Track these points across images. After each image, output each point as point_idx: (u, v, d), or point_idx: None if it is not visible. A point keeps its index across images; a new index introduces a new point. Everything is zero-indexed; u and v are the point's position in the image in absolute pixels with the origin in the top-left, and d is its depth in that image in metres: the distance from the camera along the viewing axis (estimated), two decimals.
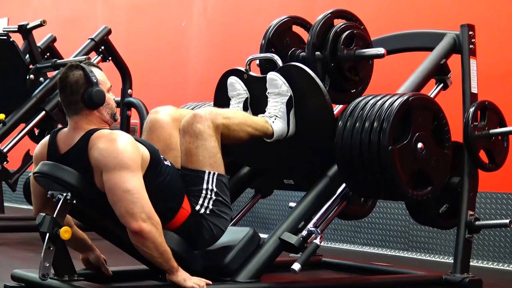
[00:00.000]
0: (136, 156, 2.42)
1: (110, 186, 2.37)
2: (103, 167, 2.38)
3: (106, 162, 2.38)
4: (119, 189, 2.36)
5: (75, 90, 2.49)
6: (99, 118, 2.53)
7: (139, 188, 2.38)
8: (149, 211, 2.37)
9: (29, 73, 4.66)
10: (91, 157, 2.41)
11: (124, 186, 2.36)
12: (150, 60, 6.46)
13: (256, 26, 4.53)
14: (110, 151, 2.38)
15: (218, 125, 2.67)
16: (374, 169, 2.66)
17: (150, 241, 2.37)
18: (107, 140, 2.41)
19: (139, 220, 2.35)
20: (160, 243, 2.40)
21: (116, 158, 2.37)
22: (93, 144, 2.41)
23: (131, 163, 2.39)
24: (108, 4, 7.13)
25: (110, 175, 2.37)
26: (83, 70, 2.51)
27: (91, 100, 2.49)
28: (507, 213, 4.05)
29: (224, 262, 2.63)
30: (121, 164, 2.37)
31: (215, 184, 2.63)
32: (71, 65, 2.53)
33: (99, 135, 2.43)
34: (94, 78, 2.50)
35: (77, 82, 2.49)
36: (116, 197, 2.36)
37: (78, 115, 2.51)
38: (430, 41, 3.31)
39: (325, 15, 3.04)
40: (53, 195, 2.39)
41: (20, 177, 4.60)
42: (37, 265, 2.36)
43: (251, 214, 5.11)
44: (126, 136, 2.45)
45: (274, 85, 2.87)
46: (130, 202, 2.35)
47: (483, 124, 3.10)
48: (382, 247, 4.55)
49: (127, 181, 2.36)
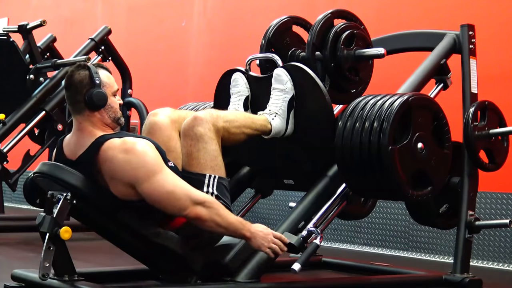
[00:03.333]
0: (157, 155, 2.47)
1: (151, 196, 2.43)
2: (133, 181, 2.41)
3: (135, 176, 2.41)
4: (161, 196, 2.42)
5: (79, 90, 2.50)
6: (101, 121, 2.53)
7: (175, 182, 2.45)
8: (195, 196, 2.46)
9: (29, 73, 4.65)
10: (107, 170, 2.42)
11: (164, 190, 2.42)
12: (150, 60, 6.45)
13: (256, 26, 4.53)
14: (134, 163, 2.40)
15: (219, 128, 2.67)
16: (374, 169, 2.66)
17: (210, 221, 2.46)
18: (123, 151, 2.41)
19: (192, 208, 2.44)
20: (221, 219, 2.48)
21: (144, 168, 2.41)
22: (106, 156, 2.42)
23: (157, 166, 2.44)
24: (108, 4, 7.12)
25: (146, 186, 2.41)
26: (89, 70, 2.51)
27: (91, 101, 2.49)
28: (507, 213, 4.05)
29: (224, 262, 2.63)
30: (151, 172, 2.42)
31: (216, 187, 2.63)
32: (79, 64, 2.55)
33: (111, 146, 2.43)
34: (97, 80, 2.50)
35: (81, 82, 2.50)
36: (163, 202, 2.44)
37: (80, 115, 2.51)
38: (430, 41, 3.31)
39: (325, 15, 3.04)
40: (53, 195, 2.39)
41: (20, 177, 4.60)
42: (37, 265, 2.36)
43: (251, 214, 5.11)
44: (139, 140, 2.46)
45: (279, 80, 2.87)
46: (176, 200, 2.43)
47: (483, 124, 3.09)
48: (382, 247, 4.55)
49: (164, 184, 2.42)
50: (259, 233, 2.56)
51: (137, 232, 2.53)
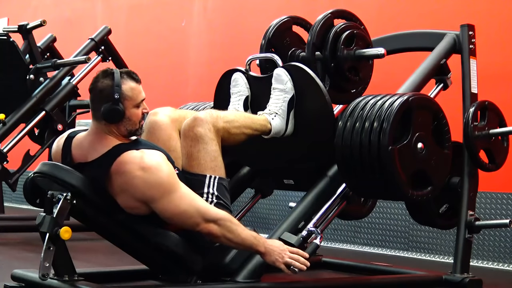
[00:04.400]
0: (173, 172, 2.47)
1: (164, 213, 2.44)
2: (146, 199, 2.41)
3: (151, 195, 2.41)
4: (175, 214, 2.44)
5: (98, 99, 2.48)
6: (117, 132, 2.50)
7: (190, 201, 2.46)
8: (209, 215, 2.46)
9: (29, 73, 4.65)
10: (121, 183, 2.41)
11: (178, 209, 2.43)
12: (150, 60, 6.45)
13: (256, 26, 4.53)
14: (151, 183, 2.40)
15: (219, 129, 2.67)
16: (374, 169, 2.66)
17: (222, 237, 2.48)
18: (141, 168, 2.40)
19: (204, 225, 2.45)
20: (233, 236, 2.48)
21: (160, 187, 2.41)
22: (122, 170, 2.40)
23: (173, 185, 2.44)
24: (108, 4, 7.12)
25: (160, 204, 2.42)
26: (113, 80, 2.46)
27: (107, 116, 2.46)
28: (507, 213, 4.05)
29: (224, 262, 2.63)
30: (167, 191, 2.42)
31: (216, 187, 2.63)
32: (106, 70, 2.50)
33: (128, 160, 2.41)
34: (117, 95, 2.45)
35: (102, 92, 2.47)
36: (175, 219, 2.46)
37: (98, 121, 2.50)
38: (430, 41, 3.31)
39: (325, 15, 3.04)
40: (53, 195, 2.39)
41: (20, 177, 4.60)
42: (37, 265, 2.36)
43: (251, 214, 5.11)
44: (157, 157, 2.44)
45: (280, 80, 2.87)
46: (190, 217, 2.45)
47: (483, 124, 3.09)
48: (382, 247, 4.55)
49: (179, 203, 2.43)
50: (275, 248, 2.55)
51: (137, 232, 2.53)
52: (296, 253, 2.57)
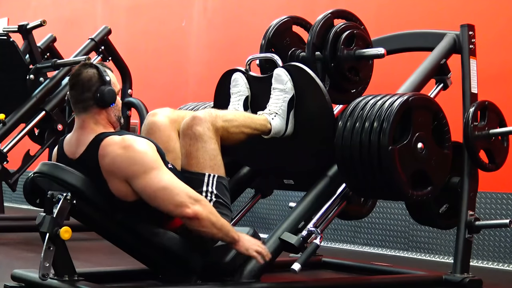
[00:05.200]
0: (156, 154, 2.47)
1: (147, 191, 2.42)
2: (130, 176, 2.41)
3: (132, 170, 2.40)
4: (157, 191, 2.41)
5: (87, 88, 2.51)
6: (106, 119, 2.54)
7: (172, 179, 2.44)
8: (193, 194, 2.45)
9: (29, 73, 4.65)
10: (105, 165, 2.43)
11: (160, 185, 2.41)
12: (150, 60, 6.45)
13: (256, 26, 4.53)
14: (132, 159, 2.41)
15: (218, 128, 2.67)
16: (374, 169, 2.66)
17: (206, 220, 2.44)
18: (122, 147, 2.42)
19: (190, 206, 2.42)
20: (216, 219, 2.47)
21: (142, 164, 2.41)
22: (105, 152, 2.43)
23: (155, 163, 2.44)
24: (108, 4, 7.12)
25: (142, 181, 2.41)
26: (97, 68, 2.53)
27: (103, 98, 2.50)
28: (507, 213, 4.05)
29: (224, 261, 2.63)
30: (149, 167, 2.41)
31: (215, 186, 2.63)
32: (85, 63, 2.56)
33: (111, 142, 2.44)
34: (107, 77, 2.52)
35: (90, 80, 2.51)
36: (158, 198, 2.42)
37: (86, 113, 2.52)
38: (430, 41, 3.31)
39: (325, 15, 3.04)
40: (53, 195, 2.39)
41: (20, 177, 4.60)
42: (37, 265, 2.36)
43: (251, 214, 5.11)
44: (139, 139, 2.47)
45: (280, 80, 2.87)
46: (173, 195, 2.42)
47: (483, 124, 3.09)
48: (382, 247, 4.55)
49: (160, 179, 2.42)
50: (246, 237, 2.57)
51: (136, 232, 2.53)
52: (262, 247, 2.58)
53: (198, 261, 2.61)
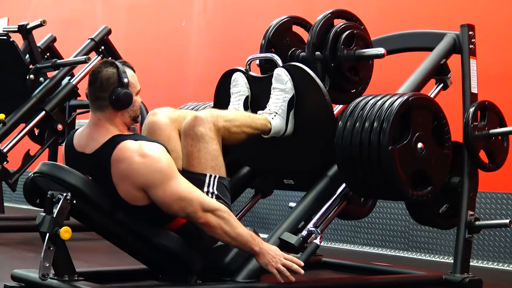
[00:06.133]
0: (171, 161, 2.47)
1: (163, 200, 2.44)
2: (146, 185, 2.42)
3: (151, 180, 2.41)
4: (174, 201, 2.43)
5: (105, 87, 2.50)
6: (121, 120, 2.53)
7: (188, 189, 2.46)
8: (208, 204, 2.46)
9: (29, 73, 4.65)
10: (120, 170, 2.42)
11: (177, 196, 2.43)
12: (150, 60, 6.45)
13: (256, 26, 4.53)
14: (150, 168, 2.41)
15: (220, 128, 2.67)
16: (374, 169, 2.66)
17: (219, 229, 2.46)
18: (140, 155, 2.41)
19: (202, 215, 2.44)
20: (230, 229, 2.47)
21: (160, 173, 2.41)
22: (121, 157, 2.41)
23: (171, 171, 2.44)
24: (108, 4, 7.12)
25: (160, 191, 2.42)
26: (117, 68, 2.51)
27: (118, 101, 2.49)
28: (507, 213, 4.05)
29: (224, 262, 2.63)
30: (166, 177, 2.42)
31: (216, 187, 2.63)
32: (106, 61, 2.55)
33: (127, 148, 2.42)
34: (125, 79, 2.50)
35: (108, 79, 2.49)
36: (176, 207, 2.44)
37: (101, 112, 2.51)
38: (430, 41, 3.31)
39: (325, 15, 3.04)
40: (53, 195, 2.39)
41: (20, 177, 4.60)
42: (37, 265, 2.36)
43: (251, 214, 5.11)
44: (154, 146, 2.46)
45: (280, 80, 2.87)
46: (188, 205, 2.44)
47: (483, 124, 3.09)
48: (382, 247, 4.55)
49: (177, 190, 2.43)
50: (270, 251, 2.55)
51: (137, 232, 2.53)
52: (291, 260, 2.56)
53: (198, 261, 2.61)
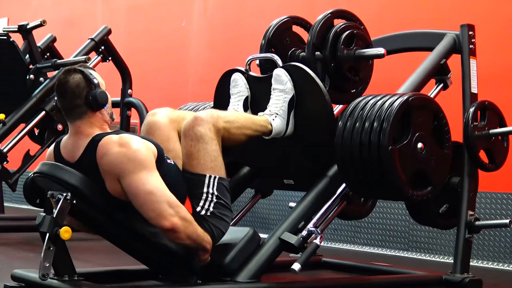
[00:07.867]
0: (150, 156, 2.46)
1: (132, 190, 2.41)
2: (120, 173, 2.40)
3: (123, 167, 2.40)
4: (141, 192, 2.40)
5: (77, 94, 2.49)
6: (101, 120, 2.54)
7: (160, 186, 2.43)
8: (175, 205, 2.43)
9: (29, 73, 4.66)
10: (103, 164, 2.42)
11: (145, 188, 2.40)
12: (150, 60, 6.46)
13: (256, 26, 4.53)
14: (125, 156, 2.40)
15: (220, 128, 2.67)
16: (374, 169, 2.66)
17: (182, 234, 2.45)
18: (118, 145, 2.42)
19: (168, 218, 2.41)
20: (192, 231, 2.47)
21: (133, 162, 2.40)
22: (104, 151, 2.42)
23: (147, 163, 2.43)
24: (108, 4, 7.13)
25: (130, 179, 2.40)
26: (82, 73, 2.51)
27: (96, 102, 2.49)
28: (507, 213, 4.05)
29: (224, 262, 2.63)
30: (139, 166, 2.40)
31: (216, 187, 2.63)
32: (68, 69, 2.53)
33: (109, 141, 2.43)
34: (95, 80, 2.51)
35: (78, 86, 2.49)
36: (141, 200, 2.41)
37: (81, 119, 2.51)
38: (430, 41, 3.31)
39: (325, 15, 3.04)
40: (53, 195, 2.39)
41: (20, 177, 4.60)
42: (37, 265, 2.36)
43: (251, 214, 5.11)
44: (136, 138, 2.47)
45: (279, 81, 2.87)
46: (155, 202, 2.40)
47: (483, 124, 3.09)
48: (382, 247, 4.55)
49: (147, 182, 2.40)
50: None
51: (136, 232, 2.53)
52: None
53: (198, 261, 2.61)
